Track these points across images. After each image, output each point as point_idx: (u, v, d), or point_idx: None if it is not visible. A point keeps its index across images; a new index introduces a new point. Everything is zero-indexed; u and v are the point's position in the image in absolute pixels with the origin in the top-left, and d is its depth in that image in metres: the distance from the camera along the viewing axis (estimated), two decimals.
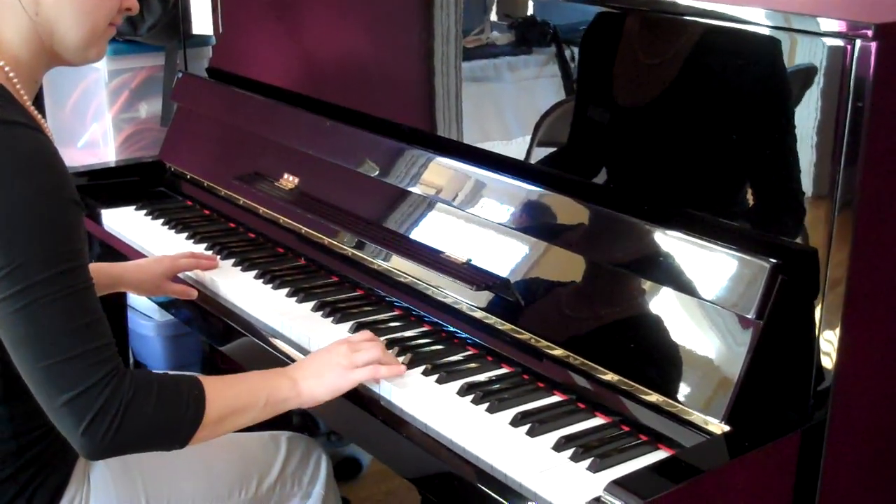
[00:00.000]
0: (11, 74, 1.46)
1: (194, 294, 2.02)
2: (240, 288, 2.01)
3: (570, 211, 1.72)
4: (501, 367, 1.69)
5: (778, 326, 1.41)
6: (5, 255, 1.32)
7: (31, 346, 1.34)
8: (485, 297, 1.74)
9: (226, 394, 1.48)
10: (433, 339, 1.78)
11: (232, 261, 2.13)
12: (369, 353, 1.61)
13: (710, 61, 1.53)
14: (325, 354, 1.61)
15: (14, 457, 1.51)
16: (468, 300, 1.76)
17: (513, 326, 1.69)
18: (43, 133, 1.42)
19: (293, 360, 1.76)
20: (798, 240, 1.43)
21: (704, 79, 1.55)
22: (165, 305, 2.28)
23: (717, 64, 1.52)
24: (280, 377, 1.57)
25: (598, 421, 1.53)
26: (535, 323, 1.66)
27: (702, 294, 1.47)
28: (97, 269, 1.96)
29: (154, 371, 1.48)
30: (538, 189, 1.76)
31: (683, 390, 1.45)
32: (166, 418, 1.40)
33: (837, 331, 1.38)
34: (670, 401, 1.45)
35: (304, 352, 1.77)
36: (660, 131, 1.62)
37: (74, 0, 1.46)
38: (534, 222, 1.75)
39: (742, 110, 1.50)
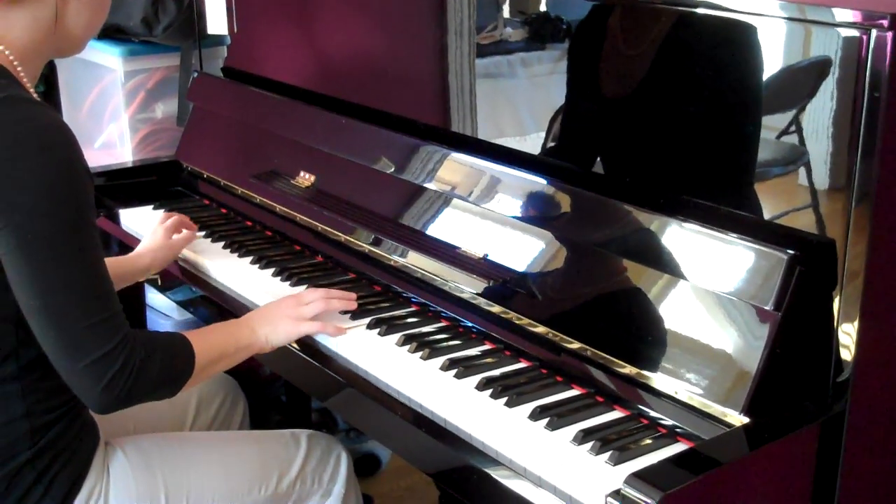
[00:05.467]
0: (17, 66, 1.52)
1: (195, 228, 2.19)
2: (257, 285, 2.01)
3: (585, 205, 1.72)
4: (519, 362, 1.69)
5: (796, 318, 1.41)
6: (30, 229, 1.39)
7: (55, 314, 1.43)
8: (502, 291, 1.74)
9: (207, 346, 1.63)
10: (451, 335, 1.79)
11: (249, 258, 2.14)
12: (316, 307, 1.77)
13: (727, 53, 1.53)
14: (276, 307, 1.78)
15: (29, 440, 1.53)
16: (485, 295, 1.76)
17: (530, 321, 1.69)
18: (54, 110, 1.50)
19: (313, 356, 1.77)
20: (815, 231, 1.43)
21: (720, 70, 1.55)
22: (184, 304, 2.29)
23: (732, 56, 1.52)
24: (241, 326, 1.73)
25: (616, 414, 1.53)
26: (552, 317, 1.66)
27: (719, 286, 1.47)
28: (113, 265, 1.98)
29: (149, 331, 1.61)
30: (553, 183, 1.76)
31: (702, 383, 1.45)
32: (168, 374, 1.56)
33: (856, 322, 1.38)
34: (689, 393, 1.45)
35: (324, 347, 1.78)
36: (676, 124, 1.62)
37: (92, 7, 1.57)
38: (549, 217, 1.75)
39: (759, 102, 1.50)
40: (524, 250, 1.76)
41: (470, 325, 1.80)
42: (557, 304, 1.68)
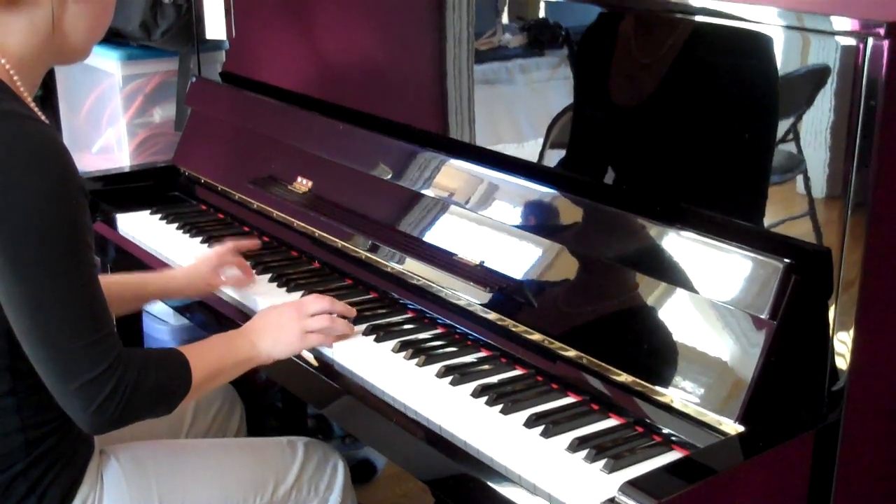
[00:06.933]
0: (14, 76, 1.49)
1: (252, 278, 2.05)
2: (255, 291, 2.01)
3: (582, 212, 1.72)
4: (515, 369, 1.69)
5: (792, 327, 1.40)
6: (20, 248, 1.37)
7: (45, 335, 1.40)
8: (498, 299, 1.74)
9: (204, 362, 1.59)
10: (447, 342, 1.78)
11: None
12: (320, 322, 1.74)
13: (724, 62, 1.53)
14: (278, 318, 1.73)
15: (23, 451, 1.52)
16: (481, 302, 1.76)
17: (526, 328, 1.69)
18: (49, 125, 1.47)
19: (309, 363, 1.77)
20: (811, 239, 1.43)
21: (717, 79, 1.55)
22: (181, 309, 2.29)
23: (730, 64, 1.52)
24: (241, 339, 1.70)
25: (611, 422, 1.53)
26: (548, 324, 1.66)
27: (715, 295, 1.47)
28: (141, 280, 1.98)
29: (144, 348, 1.54)
30: (550, 191, 1.76)
31: (697, 391, 1.44)
32: (162, 393, 1.52)
33: (851, 331, 1.38)
34: (684, 401, 1.45)
35: (320, 354, 1.78)
36: (672, 132, 1.62)
37: (93, 13, 1.53)
38: (546, 224, 1.75)
39: (755, 110, 1.50)
40: (521, 258, 1.76)
41: (466, 332, 1.80)
42: (553, 311, 1.68)
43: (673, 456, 1.42)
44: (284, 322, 1.72)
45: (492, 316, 1.74)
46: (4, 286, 1.39)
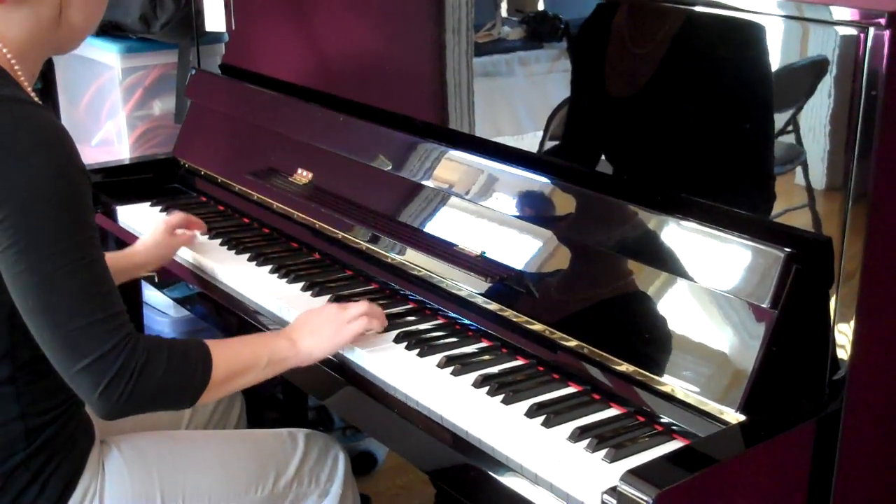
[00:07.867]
0: (14, 64, 1.51)
1: (204, 227, 2.20)
2: (255, 282, 2.01)
3: (582, 202, 1.72)
4: (516, 359, 1.69)
5: (792, 316, 1.41)
6: (25, 228, 1.38)
7: (50, 314, 1.40)
8: (499, 289, 1.74)
9: (231, 357, 1.56)
10: (448, 332, 1.79)
11: (247, 255, 2.14)
12: (358, 308, 1.71)
13: (724, 52, 1.53)
14: (318, 314, 1.71)
15: (23, 440, 1.52)
16: (482, 293, 1.76)
17: (527, 318, 1.69)
18: (50, 111, 1.48)
19: None
20: (812, 229, 1.43)
21: (717, 69, 1.55)
22: (181, 301, 2.29)
23: (730, 54, 1.52)
24: (279, 338, 1.66)
25: (613, 412, 1.53)
26: (549, 315, 1.67)
27: (716, 284, 1.47)
28: (109, 259, 1.99)
29: (164, 337, 1.54)
30: (550, 181, 1.76)
31: (698, 380, 1.45)
32: (176, 381, 1.49)
33: (852, 321, 1.38)
34: (685, 391, 1.45)
35: None
36: (673, 123, 1.62)
37: (93, 2, 1.55)
38: (546, 214, 1.76)
39: (756, 100, 1.50)
40: (522, 248, 1.76)
41: (467, 322, 1.80)
42: (554, 301, 1.68)
43: (674, 445, 1.43)
44: (325, 317, 1.69)
45: (492, 306, 1.75)
46: (10, 267, 1.40)
